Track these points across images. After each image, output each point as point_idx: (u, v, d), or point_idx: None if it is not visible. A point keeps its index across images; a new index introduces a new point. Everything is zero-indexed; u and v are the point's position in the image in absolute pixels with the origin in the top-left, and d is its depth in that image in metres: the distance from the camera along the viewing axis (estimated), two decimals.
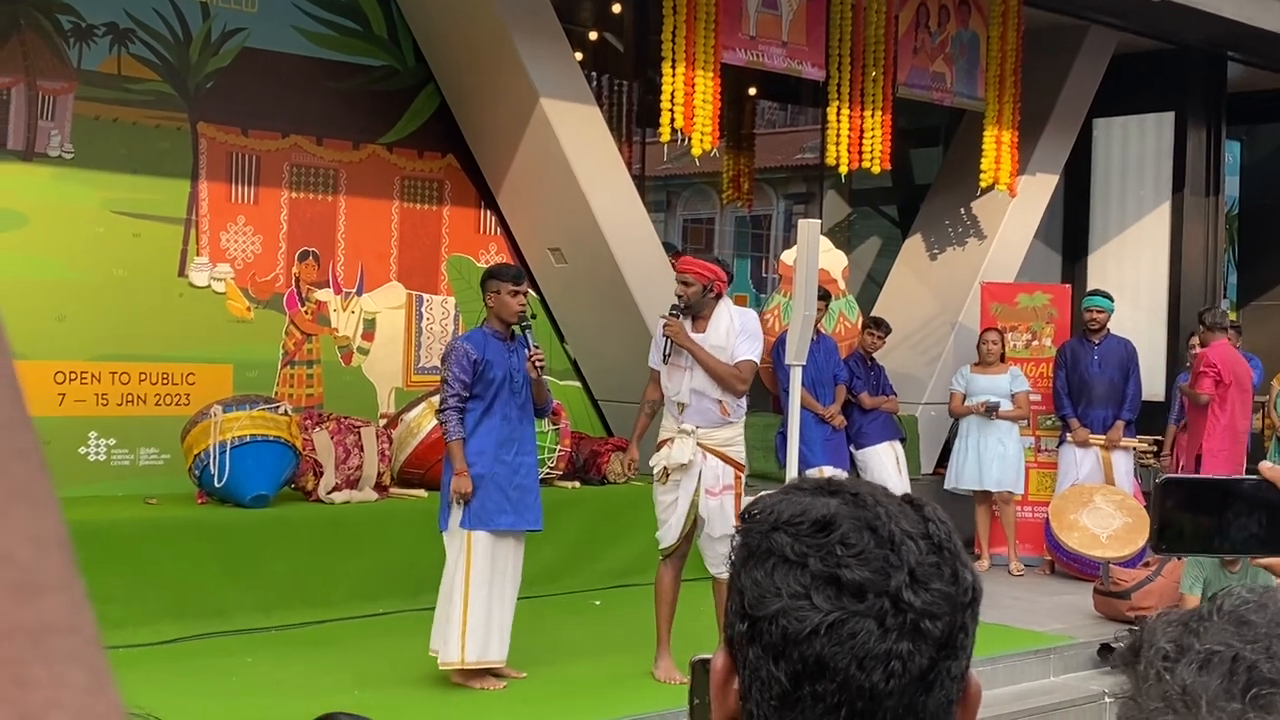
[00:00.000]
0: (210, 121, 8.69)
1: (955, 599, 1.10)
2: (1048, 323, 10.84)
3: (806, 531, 1.10)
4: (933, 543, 1.11)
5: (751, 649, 1.11)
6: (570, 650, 7.16)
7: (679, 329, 6.50)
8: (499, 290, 6.32)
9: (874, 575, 1.08)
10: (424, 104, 9.57)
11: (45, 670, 0.33)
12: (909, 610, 1.07)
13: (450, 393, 6.21)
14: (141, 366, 8.38)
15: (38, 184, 8.06)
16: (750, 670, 1.11)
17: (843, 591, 1.08)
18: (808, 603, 1.08)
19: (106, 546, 7.05)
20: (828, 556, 1.08)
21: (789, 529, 1.10)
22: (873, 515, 1.10)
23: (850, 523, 1.10)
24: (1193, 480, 1.54)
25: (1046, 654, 7.78)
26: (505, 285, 6.34)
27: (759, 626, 1.10)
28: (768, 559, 1.11)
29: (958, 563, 1.12)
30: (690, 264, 6.76)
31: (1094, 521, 9.38)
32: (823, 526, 1.10)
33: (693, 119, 9.04)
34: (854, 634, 1.07)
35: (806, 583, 1.08)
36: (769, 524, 1.12)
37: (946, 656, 1.09)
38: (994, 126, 11.00)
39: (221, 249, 8.76)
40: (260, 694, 6.16)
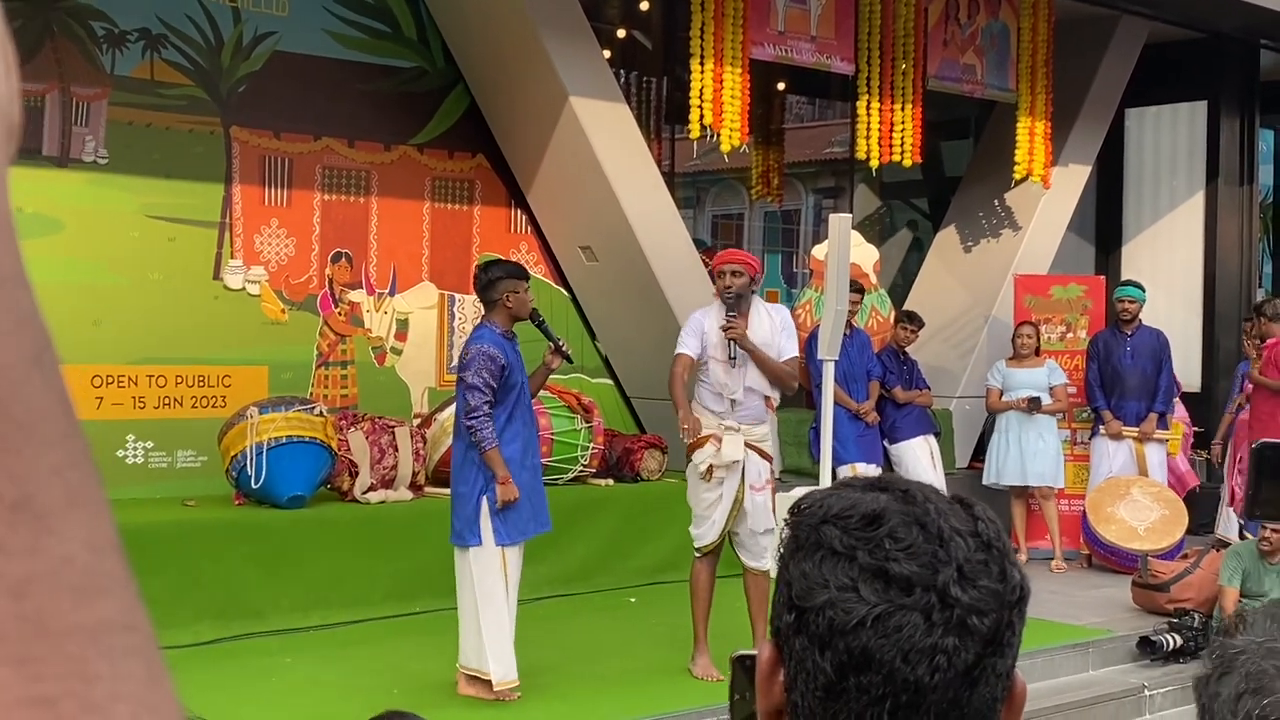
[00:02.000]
0: (243, 125, 8.74)
1: (1003, 596, 1.10)
2: (1082, 314, 10.78)
3: (856, 525, 1.11)
4: (981, 540, 1.11)
5: (798, 639, 1.12)
6: (606, 648, 7.18)
7: (742, 330, 6.47)
8: (517, 290, 6.15)
9: (922, 570, 1.08)
10: (454, 104, 9.60)
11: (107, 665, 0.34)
12: (956, 606, 1.08)
13: (481, 399, 5.94)
14: (178, 369, 8.43)
15: (73, 190, 8.12)
16: (796, 661, 1.12)
17: (890, 585, 1.08)
18: (855, 595, 1.09)
19: (145, 549, 7.10)
20: (876, 550, 1.09)
21: (838, 522, 1.12)
22: (922, 511, 1.11)
23: (899, 518, 1.11)
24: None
25: (1085, 648, 7.75)
26: (521, 283, 6.20)
27: (806, 617, 1.11)
28: (816, 551, 1.12)
29: (1006, 561, 1.12)
30: (738, 255, 6.78)
31: (1131, 514, 9.33)
32: (872, 520, 1.11)
33: (721, 115, 9.04)
34: (900, 627, 1.08)
35: (854, 575, 1.09)
36: (819, 517, 1.13)
37: (993, 653, 1.09)
38: (1026, 117, 10.95)
39: (255, 252, 8.81)
40: (300, 694, 6.19)
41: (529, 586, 8.23)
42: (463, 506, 6.09)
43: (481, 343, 6.03)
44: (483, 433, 5.97)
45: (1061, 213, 11.63)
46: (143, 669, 0.35)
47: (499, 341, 6.06)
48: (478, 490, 6.03)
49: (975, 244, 11.76)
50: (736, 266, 6.55)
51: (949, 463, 10.32)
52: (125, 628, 0.36)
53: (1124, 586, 8.86)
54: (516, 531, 6.10)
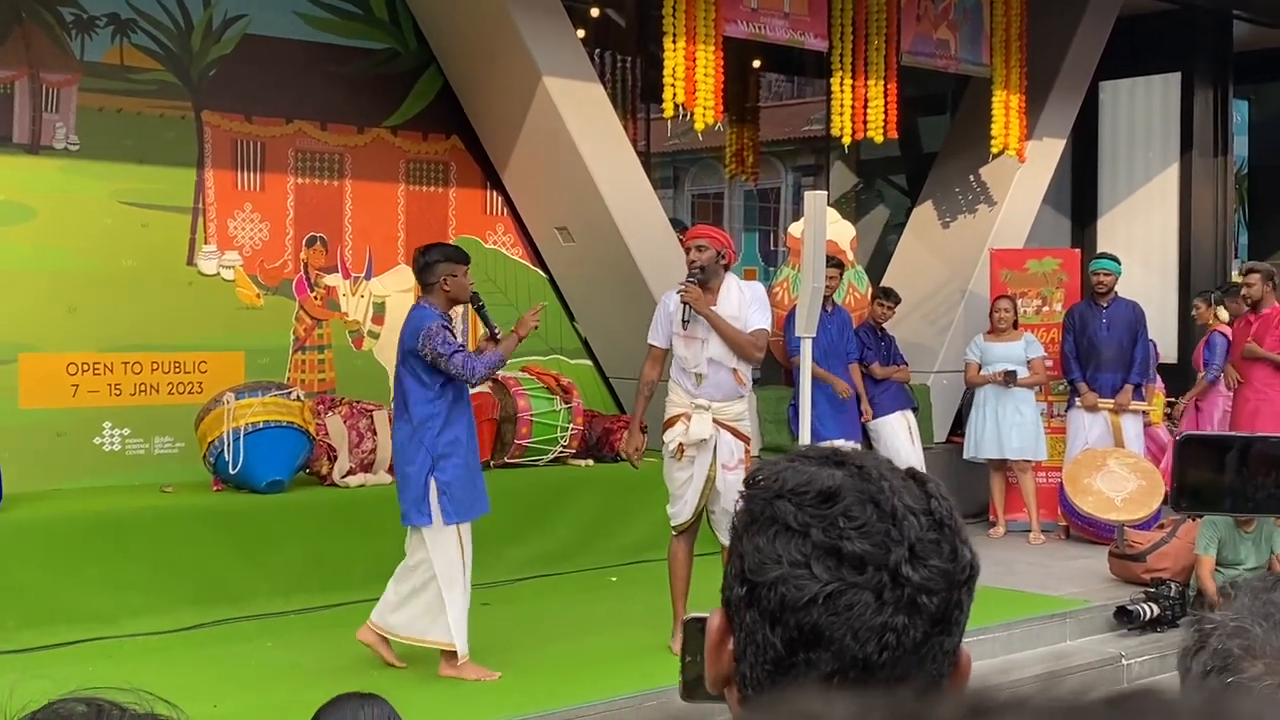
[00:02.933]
0: (214, 109, 8.70)
1: (953, 576, 1.11)
2: (1058, 288, 10.81)
3: (811, 501, 1.11)
4: (934, 519, 1.12)
5: (749, 613, 1.12)
6: (588, 627, 7.20)
7: (697, 294, 6.47)
8: (455, 273, 6.12)
9: (874, 549, 1.09)
10: (427, 86, 9.56)
11: None
12: (907, 585, 1.08)
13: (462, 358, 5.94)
14: (153, 356, 8.41)
15: (44, 176, 8.08)
16: (746, 633, 1.13)
17: (843, 563, 1.09)
18: (807, 572, 1.09)
19: (124, 535, 7.10)
20: (830, 528, 1.10)
21: (793, 498, 1.12)
22: (877, 489, 1.11)
23: (854, 495, 1.11)
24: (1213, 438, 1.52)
25: (1063, 618, 7.79)
26: (460, 267, 6.15)
27: (758, 592, 1.11)
28: (770, 526, 1.12)
29: (957, 540, 1.13)
30: (703, 230, 6.79)
31: (1108, 485, 9.38)
32: (827, 498, 1.11)
33: (695, 93, 9.02)
34: (851, 605, 1.08)
35: (807, 552, 1.10)
36: (773, 491, 1.13)
37: (941, 632, 1.10)
38: (1001, 91, 10.95)
39: (229, 237, 8.77)
40: (280, 678, 6.20)
41: (511, 567, 8.27)
42: (409, 487, 6.11)
43: (427, 319, 6.02)
44: (489, 361, 6.02)
45: (1037, 187, 11.65)
46: None
47: (443, 319, 6.09)
48: (425, 470, 6.05)
49: (951, 219, 11.78)
50: (701, 241, 6.57)
51: (927, 438, 10.35)
52: None
53: (1101, 557, 8.91)
54: (464, 510, 6.12)
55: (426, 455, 6.04)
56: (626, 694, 6.04)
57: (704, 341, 6.53)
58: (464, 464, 6.10)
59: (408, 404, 6.11)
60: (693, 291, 6.48)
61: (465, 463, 6.10)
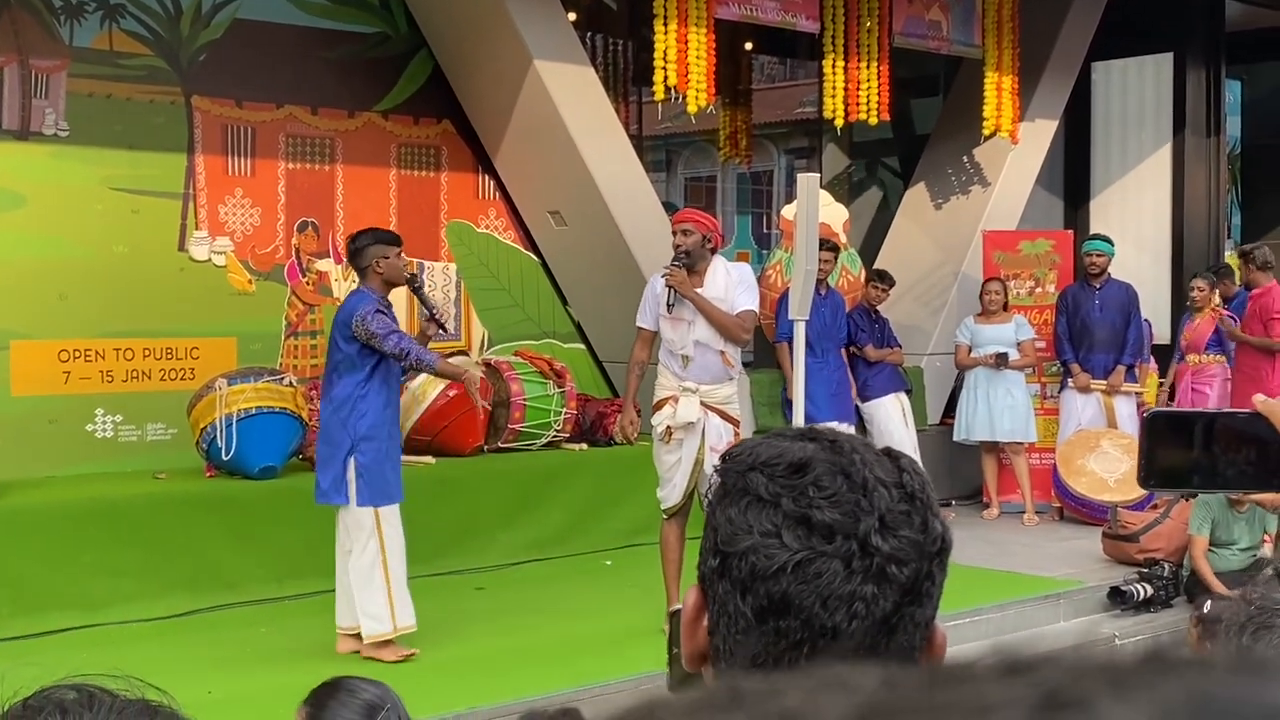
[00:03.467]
0: (204, 94, 8.67)
1: (923, 547, 1.12)
2: (1050, 269, 10.82)
3: (782, 473, 1.12)
4: (905, 491, 1.13)
5: (721, 584, 1.13)
6: (582, 611, 7.20)
7: (682, 278, 6.48)
8: (386, 255, 6.14)
9: (844, 518, 1.10)
10: (418, 69, 9.54)
11: None
12: (876, 554, 1.09)
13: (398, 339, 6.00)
14: (145, 342, 8.39)
15: (34, 163, 8.05)
16: (719, 604, 1.14)
17: (812, 532, 1.10)
18: (777, 541, 1.10)
19: (117, 522, 7.10)
20: (800, 497, 1.10)
21: (765, 469, 1.13)
22: (848, 461, 1.12)
23: (825, 466, 1.12)
24: (1180, 414, 1.52)
25: (1056, 599, 7.81)
26: (390, 248, 6.19)
27: (729, 562, 1.12)
28: (742, 498, 1.13)
29: (929, 513, 1.13)
30: (690, 214, 6.80)
31: (1101, 466, 9.40)
32: (798, 469, 1.12)
33: (687, 76, 9.00)
34: (820, 574, 1.09)
35: (778, 521, 1.11)
36: (746, 464, 1.14)
37: (911, 603, 1.11)
38: (994, 73, 10.94)
39: (220, 222, 8.75)
40: (274, 663, 6.20)
41: (505, 551, 8.28)
42: (329, 467, 6.15)
43: (366, 301, 6.05)
44: (419, 356, 6.06)
45: (1029, 168, 11.65)
46: None
47: (380, 302, 6.11)
48: (344, 451, 6.09)
49: (944, 201, 11.77)
50: (686, 225, 6.58)
51: (921, 420, 10.36)
52: None
53: (1094, 538, 8.92)
54: (381, 495, 6.15)
55: (347, 436, 6.08)
56: (621, 678, 6.05)
57: (690, 324, 6.54)
58: (383, 450, 6.13)
59: (333, 384, 6.16)
60: (677, 275, 6.49)
61: (384, 449, 6.13)
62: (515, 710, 5.75)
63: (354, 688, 2.61)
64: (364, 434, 6.07)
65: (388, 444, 6.17)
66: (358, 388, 6.06)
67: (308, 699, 2.62)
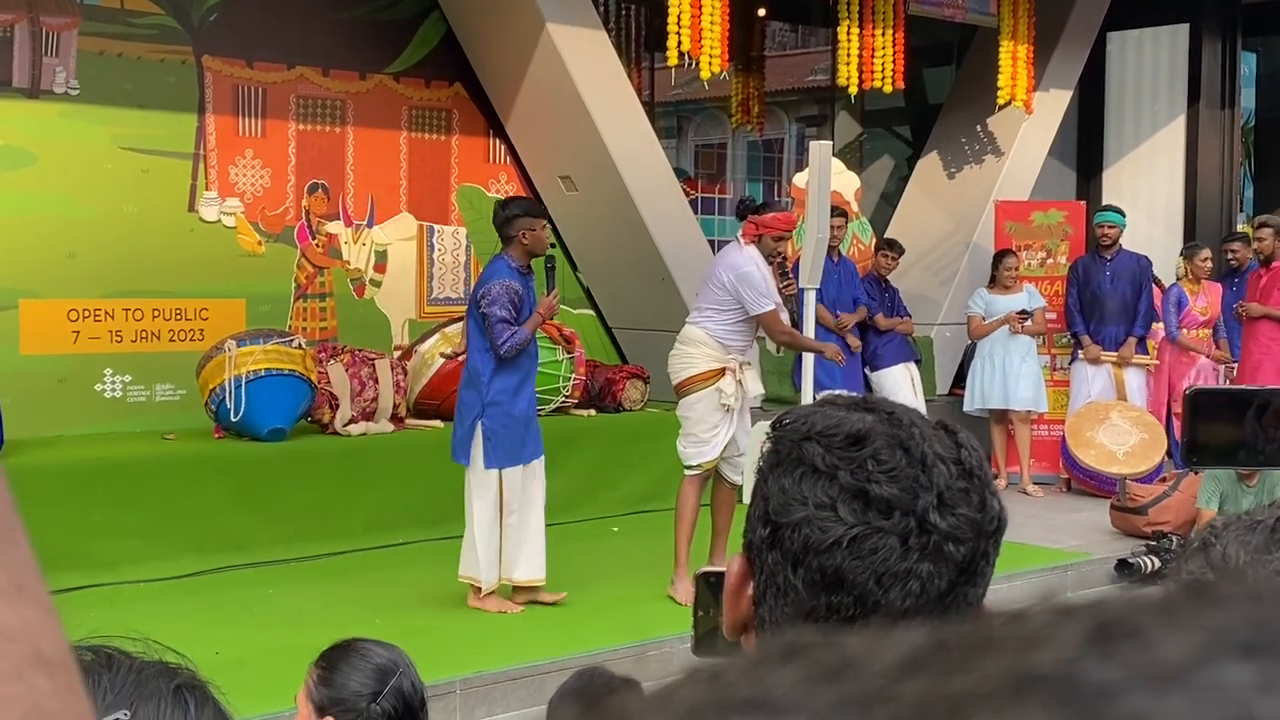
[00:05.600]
0: (215, 54, 8.63)
1: (981, 525, 1.09)
2: (1062, 240, 10.77)
3: (839, 444, 1.09)
4: (964, 468, 1.10)
5: (771, 554, 1.11)
6: (590, 576, 7.20)
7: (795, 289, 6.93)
8: (534, 227, 6.39)
9: (902, 493, 1.07)
10: (430, 32, 9.48)
11: None
12: (934, 532, 1.07)
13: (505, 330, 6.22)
14: (154, 303, 8.38)
15: (45, 121, 8.02)
16: (767, 575, 1.11)
17: (870, 506, 1.07)
18: (833, 514, 1.08)
19: (125, 482, 7.10)
20: (858, 470, 1.08)
21: (822, 440, 1.10)
22: (907, 435, 1.10)
23: (884, 439, 1.09)
24: (1222, 391, 1.51)
25: (1064, 570, 7.81)
26: (537, 220, 6.46)
27: (781, 533, 1.10)
28: (797, 467, 1.10)
29: (987, 491, 1.11)
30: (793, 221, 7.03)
31: (1110, 438, 9.37)
32: (856, 440, 1.09)
33: (700, 42, 8.94)
34: (875, 550, 1.07)
35: (834, 494, 1.08)
36: (802, 433, 1.11)
37: (966, 582, 1.09)
38: (1009, 42, 10.86)
39: (230, 183, 8.73)
40: (281, 625, 6.21)
41: None
42: (459, 427, 6.44)
43: (501, 277, 6.32)
44: (517, 341, 6.25)
45: (1042, 138, 11.58)
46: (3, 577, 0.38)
47: (515, 275, 6.35)
48: (473, 415, 6.34)
49: (957, 171, 11.71)
50: (789, 234, 6.92)
51: (929, 390, 10.34)
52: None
53: (1103, 510, 8.91)
54: (507, 457, 6.37)
55: (478, 400, 6.32)
56: (629, 643, 6.06)
57: None
58: (509, 413, 6.34)
59: (469, 349, 6.51)
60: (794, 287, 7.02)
61: (511, 412, 6.34)
62: (519, 675, 5.77)
63: (365, 650, 2.60)
64: (491, 399, 6.30)
65: (514, 408, 6.35)
66: (486, 354, 6.32)
67: (318, 660, 2.62)
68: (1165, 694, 0.26)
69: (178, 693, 1.07)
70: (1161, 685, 0.26)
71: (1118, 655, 0.27)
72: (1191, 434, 1.48)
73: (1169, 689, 0.26)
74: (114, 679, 1.03)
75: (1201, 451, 1.50)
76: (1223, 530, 1.19)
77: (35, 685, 0.37)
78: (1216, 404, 1.48)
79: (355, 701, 2.51)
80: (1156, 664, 0.26)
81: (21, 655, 0.38)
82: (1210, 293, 10.32)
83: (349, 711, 2.51)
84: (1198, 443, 1.48)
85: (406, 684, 2.56)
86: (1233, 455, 1.53)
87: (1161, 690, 0.26)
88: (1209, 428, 1.47)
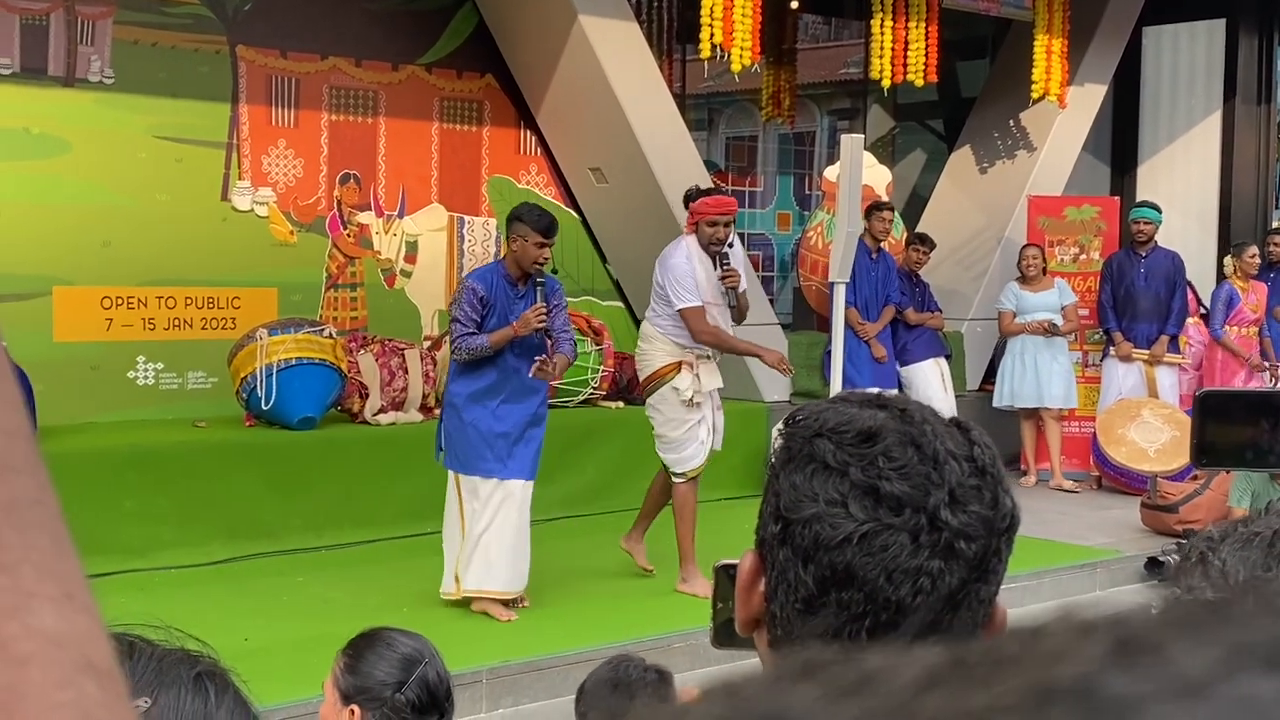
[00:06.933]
0: (249, 44, 8.66)
1: (993, 523, 1.09)
2: (1095, 236, 10.71)
3: (850, 441, 1.09)
4: (976, 465, 1.10)
5: (782, 550, 1.11)
6: (615, 568, 7.21)
7: (740, 281, 6.66)
8: (525, 237, 6.05)
9: (913, 490, 1.07)
10: (462, 23, 9.50)
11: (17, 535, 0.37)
12: (945, 529, 1.07)
13: (459, 332, 6.05)
14: (187, 291, 8.43)
15: (79, 110, 8.07)
16: (778, 572, 1.11)
17: (880, 503, 1.07)
18: (843, 511, 1.08)
19: (156, 469, 7.15)
20: (869, 467, 1.08)
21: (833, 436, 1.10)
22: (919, 431, 1.09)
23: (895, 436, 1.09)
24: (1233, 393, 1.52)
25: (1093, 568, 7.77)
26: (534, 235, 6.05)
27: (792, 529, 1.10)
28: (808, 464, 1.10)
29: (999, 488, 1.11)
30: (733, 205, 6.83)
31: (1141, 435, 9.32)
32: (867, 437, 1.09)
33: (732, 34, 8.92)
34: (886, 546, 1.07)
35: (845, 491, 1.08)
36: (813, 430, 1.11)
37: (977, 579, 1.08)
38: (1044, 36, 10.80)
39: (263, 173, 8.76)
40: (311, 613, 6.24)
41: (539, 507, 8.22)
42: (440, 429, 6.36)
43: (475, 278, 6.14)
44: (470, 344, 6.03)
45: (1077, 133, 11.51)
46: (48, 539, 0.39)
47: (490, 279, 6.12)
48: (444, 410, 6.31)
49: (989, 165, 11.66)
50: (731, 218, 6.66)
51: (960, 385, 10.31)
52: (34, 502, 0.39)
53: (1133, 508, 8.87)
54: (458, 462, 6.21)
55: (450, 399, 6.28)
56: (654, 635, 6.06)
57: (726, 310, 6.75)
58: (460, 418, 6.15)
59: None
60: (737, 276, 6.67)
61: (463, 417, 6.15)
62: (544, 665, 5.79)
63: (392, 640, 2.62)
64: (449, 400, 6.25)
65: (466, 414, 6.14)
66: None
67: (345, 648, 2.63)
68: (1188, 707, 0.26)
69: (198, 680, 1.07)
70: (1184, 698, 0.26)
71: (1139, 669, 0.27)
72: (1201, 435, 1.48)
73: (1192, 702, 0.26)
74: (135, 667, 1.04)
75: (1211, 452, 1.51)
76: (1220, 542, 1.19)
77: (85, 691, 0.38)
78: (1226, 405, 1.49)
79: (380, 690, 2.53)
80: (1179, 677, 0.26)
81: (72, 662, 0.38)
82: (1257, 290, 10.25)
83: (374, 700, 2.52)
84: (1208, 443, 1.49)
85: (432, 674, 2.57)
86: (1241, 456, 1.53)
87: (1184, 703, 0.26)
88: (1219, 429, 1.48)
